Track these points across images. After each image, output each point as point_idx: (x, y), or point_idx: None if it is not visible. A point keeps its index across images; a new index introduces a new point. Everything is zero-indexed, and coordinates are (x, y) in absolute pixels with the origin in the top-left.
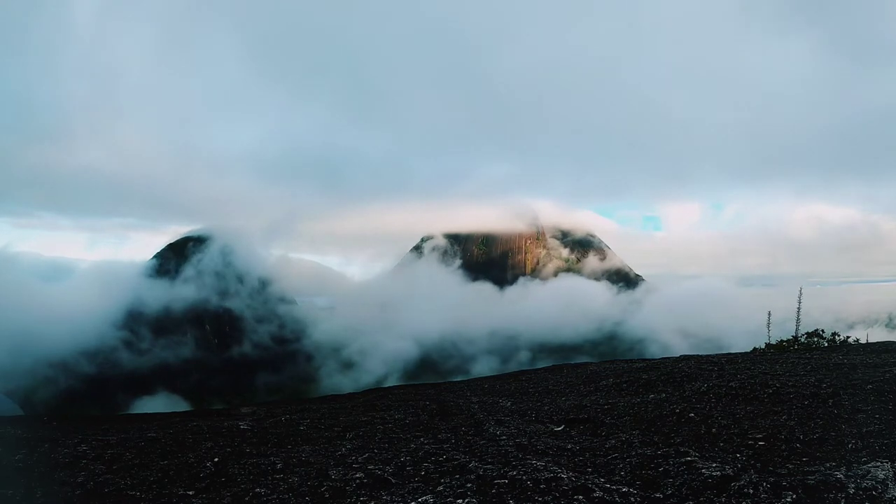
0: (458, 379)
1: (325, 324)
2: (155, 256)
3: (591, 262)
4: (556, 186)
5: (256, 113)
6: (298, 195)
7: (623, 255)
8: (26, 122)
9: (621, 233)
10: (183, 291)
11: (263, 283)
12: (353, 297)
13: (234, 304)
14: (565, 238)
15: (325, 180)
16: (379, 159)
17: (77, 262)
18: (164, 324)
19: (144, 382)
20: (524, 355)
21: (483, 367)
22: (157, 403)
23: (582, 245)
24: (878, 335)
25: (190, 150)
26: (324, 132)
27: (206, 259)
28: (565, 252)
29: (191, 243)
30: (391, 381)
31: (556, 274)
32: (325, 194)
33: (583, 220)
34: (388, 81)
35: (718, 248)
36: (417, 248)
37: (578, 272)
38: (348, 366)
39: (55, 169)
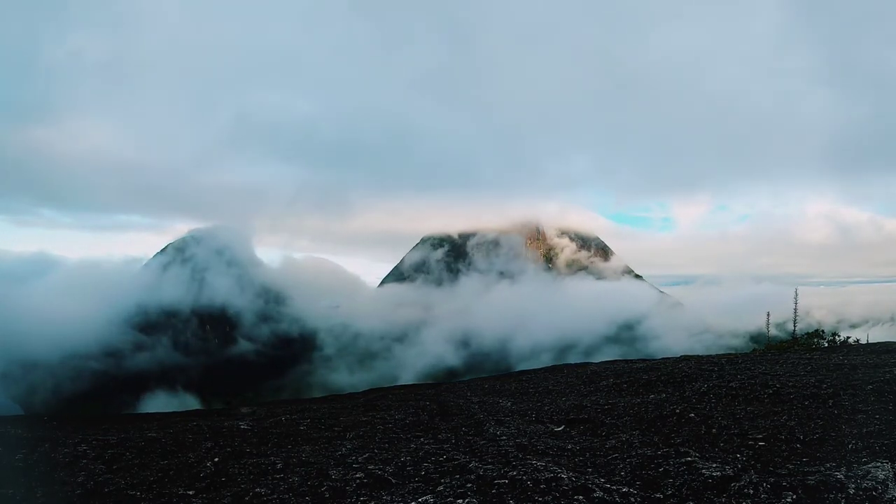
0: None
1: (328, 323)
2: (157, 254)
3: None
4: (625, 181)
5: (311, 82)
6: (343, 185)
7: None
8: (16, 92)
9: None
10: (184, 291)
11: (265, 282)
12: (360, 298)
13: (234, 303)
14: (583, 240)
15: (382, 168)
16: (450, 146)
17: (77, 262)
18: (164, 323)
19: (145, 382)
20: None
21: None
22: (157, 403)
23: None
24: (881, 335)
25: (224, 128)
26: (392, 109)
27: (208, 258)
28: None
29: (193, 242)
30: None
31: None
32: (379, 184)
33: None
34: (476, 59)
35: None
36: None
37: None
38: (349, 366)
39: (53, 157)
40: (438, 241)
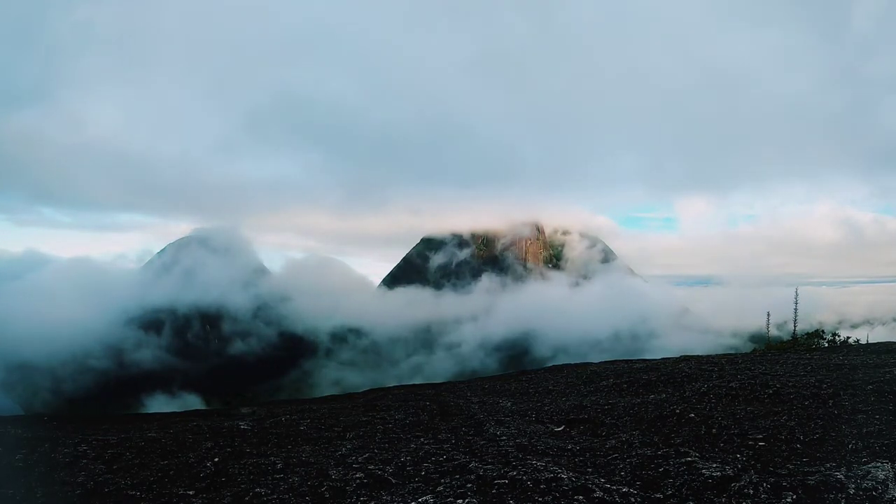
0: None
1: (330, 323)
2: (159, 254)
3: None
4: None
5: (347, 61)
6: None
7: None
8: (9, 70)
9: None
10: (186, 290)
11: (268, 282)
12: (365, 298)
13: (236, 303)
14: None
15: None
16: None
17: (78, 262)
18: (165, 323)
19: (145, 382)
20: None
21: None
22: (157, 403)
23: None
24: (883, 336)
25: (244, 114)
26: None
27: (210, 258)
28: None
29: (196, 241)
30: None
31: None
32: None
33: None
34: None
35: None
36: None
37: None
38: (352, 367)
39: (50, 149)
40: (439, 242)
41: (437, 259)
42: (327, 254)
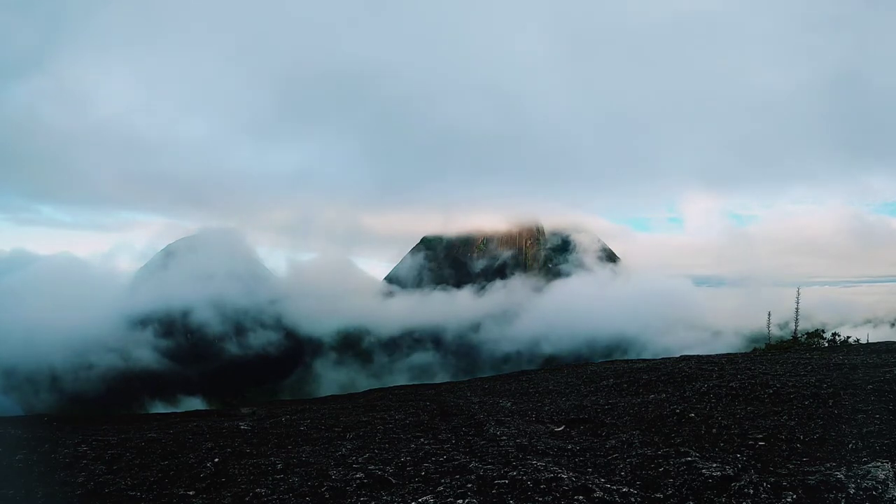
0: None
1: (334, 324)
2: (160, 253)
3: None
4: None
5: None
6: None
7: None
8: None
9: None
10: (188, 290)
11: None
12: (371, 299)
13: (238, 303)
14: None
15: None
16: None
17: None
18: (167, 324)
19: (146, 383)
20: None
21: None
22: (159, 405)
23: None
24: (884, 336)
25: (278, 90)
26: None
27: (212, 257)
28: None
29: (198, 241)
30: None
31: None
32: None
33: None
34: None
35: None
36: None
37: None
38: (355, 366)
39: (48, 134)
40: (440, 241)
41: (451, 259)
42: (341, 254)
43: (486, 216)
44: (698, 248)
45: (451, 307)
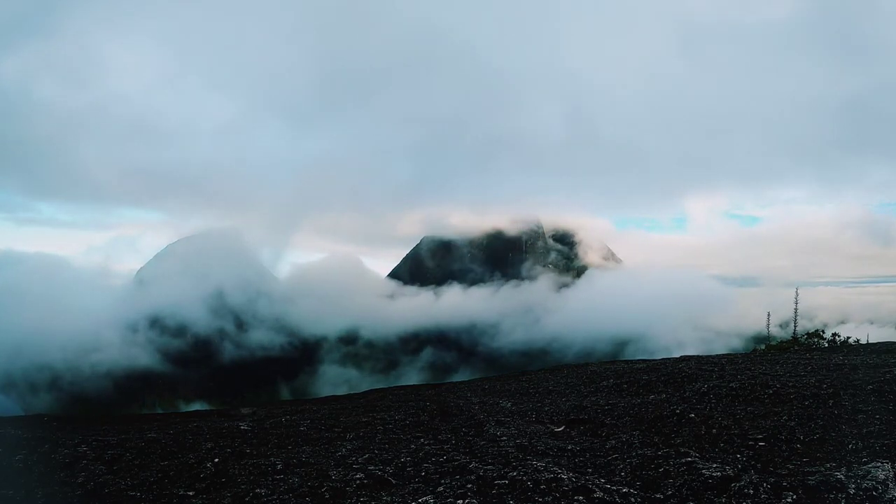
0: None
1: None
2: (161, 252)
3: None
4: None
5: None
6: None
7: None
8: None
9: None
10: (189, 291)
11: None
12: (378, 299)
13: (239, 303)
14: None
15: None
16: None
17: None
18: (166, 323)
19: (148, 384)
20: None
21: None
22: (160, 406)
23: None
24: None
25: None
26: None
27: (213, 257)
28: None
29: (199, 241)
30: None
31: None
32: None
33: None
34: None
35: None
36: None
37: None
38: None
39: (44, 115)
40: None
41: (452, 257)
42: (352, 254)
43: (490, 215)
44: (701, 248)
45: (454, 307)
